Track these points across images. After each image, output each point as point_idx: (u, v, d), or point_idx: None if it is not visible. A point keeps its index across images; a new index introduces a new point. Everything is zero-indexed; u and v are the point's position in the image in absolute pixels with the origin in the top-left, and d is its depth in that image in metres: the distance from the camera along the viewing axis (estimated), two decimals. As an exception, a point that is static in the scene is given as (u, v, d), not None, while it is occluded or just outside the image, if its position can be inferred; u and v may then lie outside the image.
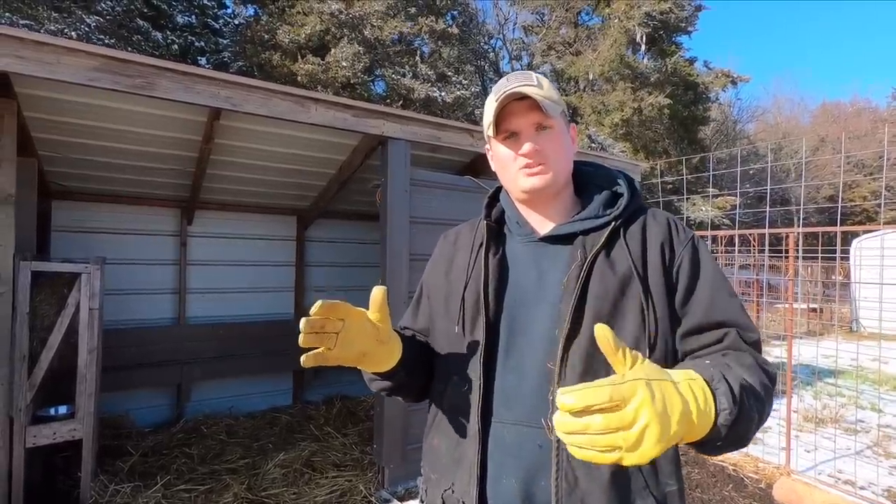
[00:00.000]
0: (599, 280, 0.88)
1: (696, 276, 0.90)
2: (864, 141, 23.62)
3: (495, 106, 0.91)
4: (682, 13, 18.66)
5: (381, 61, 14.76)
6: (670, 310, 0.88)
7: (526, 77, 0.93)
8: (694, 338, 0.87)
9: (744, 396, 0.69)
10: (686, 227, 0.96)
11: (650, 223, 0.94)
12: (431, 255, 1.15)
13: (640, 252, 0.90)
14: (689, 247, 0.91)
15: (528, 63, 22.04)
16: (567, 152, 0.97)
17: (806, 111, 33.39)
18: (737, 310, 0.87)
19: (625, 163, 4.60)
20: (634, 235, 0.92)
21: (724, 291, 0.89)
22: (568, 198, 1.00)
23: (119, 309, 4.00)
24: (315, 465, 3.39)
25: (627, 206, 0.95)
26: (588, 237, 0.92)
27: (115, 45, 11.05)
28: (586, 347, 0.85)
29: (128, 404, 4.03)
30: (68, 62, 2.18)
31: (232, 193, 4.33)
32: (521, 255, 0.98)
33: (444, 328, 1.00)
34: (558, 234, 0.95)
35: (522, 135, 0.93)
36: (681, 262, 0.90)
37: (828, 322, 9.92)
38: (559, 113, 0.94)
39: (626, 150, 17.64)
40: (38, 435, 2.54)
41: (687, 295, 0.89)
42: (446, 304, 1.01)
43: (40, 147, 3.13)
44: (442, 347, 1.01)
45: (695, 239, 0.93)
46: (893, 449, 3.91)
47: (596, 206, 0.96)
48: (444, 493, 0.94)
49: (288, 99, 2.74)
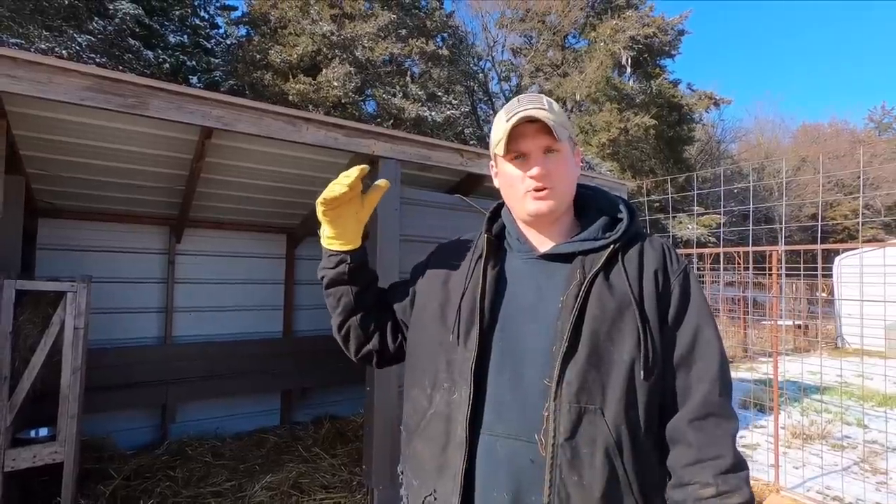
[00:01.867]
0: (598, 300, 0.90)
1: (685, 305, 0.94)
2: (843, 161, 24.28)
3: (507, 127, 0.94)
4: (666, 37, 19.23)
5: (372, 81, 14.95)
6: (663, 337, 0.92)
7: (537, 100, 0.96)
8: (680, 374, 0.92)
9: None
10: (679, 256, 1.00)
11: (647, 249, 0.98)
12: (425, 259, 1.16)
13: (637, 277, 0.94)
14: (681, 276, 0.96)
15: (517, 84, 22.46)
16: (572, 176, 1.00)
17: (787, 132, 34.28)
18: (713, 339, 0.93)
19: (612, 182, 4.68)
20: (632, 260, 0.96)
21: (707, 322, 0.94)
22: (569, 219, 1.04)
23: (104, 327, 3.93)
24: (303, 486, 3.33)
25: (627, 231, 0.98)
26: (587, 258, 0.95)
27: (107, 63, 11.07)
28: (582, 365, 0.87)
29: (110, 426, 3.93)
30: (61, 81, 2.19)
31: (221, 211, 4.32)
32: (520, 270, 1.00)
33: (437, 335, 1.00)
34: (558, 252, 0.98)
35: (531, 157, 0.96)
36: (673, 290, 0.94)
37: (813, 338, 10.05)
38: (566, 137, 0.97)
39: (613, 169, 17.94)
40: (17, 458, 2.48)
41: (676, 322, 0.93)
42: (442, 311, 1.02)
43: (28, 165, 3.12)
44: (433, 353, 1.01)
45: (687, 269, 0.98)
46: (880, 465, 3.94)
47: (596, 229, 0.99)
48: (426, 498, 0.94)
49: (280, 119, 2.77)
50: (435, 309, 1.03)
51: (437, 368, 0.98)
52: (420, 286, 1.12)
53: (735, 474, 0.86)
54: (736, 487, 0.84)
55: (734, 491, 0.84)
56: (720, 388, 0.90)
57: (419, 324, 1.07)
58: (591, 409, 0.85)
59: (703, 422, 0.89)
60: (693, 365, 0.91)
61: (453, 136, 16.30)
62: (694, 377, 0.91)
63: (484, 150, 3.59)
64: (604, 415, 0.85)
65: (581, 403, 0.85)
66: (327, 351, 4.90)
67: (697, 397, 0.90)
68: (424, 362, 1.02)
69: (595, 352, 0.87)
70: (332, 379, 4.86)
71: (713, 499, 0.84)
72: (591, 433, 0.85)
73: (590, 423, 0.85)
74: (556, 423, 0.84)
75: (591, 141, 18.28)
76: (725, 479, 0.85)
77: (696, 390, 0.90)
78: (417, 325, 1.08)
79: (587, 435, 0.85)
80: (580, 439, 0.84)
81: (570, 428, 0.84)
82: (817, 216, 16.71)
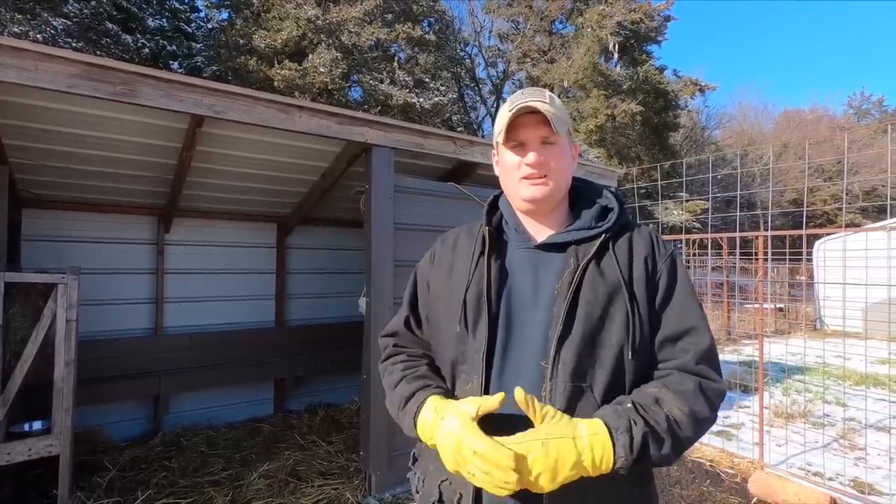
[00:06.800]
0: (590, 286, 0.95)
1: (672, 287, 1.00)
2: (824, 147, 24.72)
3: (508, 116, 0.98)
4: (652, 23, 19.25)
5: (359, 67, 14.74)
6: (651, 318, 0.97)
7: (540, 93, 1.01)
8: (665, 349, 0.97)
9: (647, 441, 0.84)
10: (666, 243, 1.06)
11: (636, 238, 1.04)
12: (429, 253, 1.20)
13: (628, 263, 0.99)
14: (668, 261, 1.02)
15: (504, 70, 22.35)
16: (568, 168, 1.04)
17: (769, 118, 34.76)
18: (699, 318, 0.98)
19: (602, 169, 4.71)
20: (622, 248, 1.01)
21: (693, 303, 1.00)
22: (563, 210, 1.08)
23: (94, 319, 3.88)
24: (300, 474, 3.35)
25: (617, 220, 1.03)
26: (580, 247, 1.00)
27: (84, 48, 10.73)
28: (577, 348, 0.92)
29: (103, 418, 3.90)
30: (47, 68, 2.13)
31: (211, 201, 4.27)
32: (518, 260, 1.05)
33: (449, 328, 1.05)
34: (553, 242, 1.02)
35: (529, 146, 1.00)
36: (661, 274, 1.00)
37: (794, 321, 10.32)
38: (565, 131, 1.02)
39: (600, 155, 18.02)
40: (12, 452, 2.46)
41: (663, 304, 0.99)
42: (450, 305, 1.06)
43: (12, 154, 3.04)
44: (445, 345, 1.06)
45: (674, 255, 1.04)
46: (858, 441, 4.10)
47: (588, 219, 1.04)
48: (442, 483, 0.99)
49: (272, 106, 2.74)
50: (444, 304, 1.08)
51: (449, 360, 1.04)
52: (431, 281, 1.15)
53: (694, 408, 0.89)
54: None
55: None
56: (705, 361, 0.95)
57: (434, 319, 1.12)
58: (584, 387, 0.92)
59: (678, 374, 0.94)
60: (678, 341, 0.97)
61: (441, 123, 16.20)
62: (679, 350, 0.96)
63: (476, 138, 3.59)
64: (593, 391, 0.92)
65: (575, 382, 0.91)
66: (320, 340, 4.97)
67: (678, 363, 0.95)
68: (442, 356, 1.08)
69: (588, 334, 0.93)
70: (325, 367, 4.88)
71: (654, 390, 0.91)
72: (585, 410, 0.90)
73: (584, 400, 0.91)
74: (553, 401, 0.90)
75: (578, 128, 18.32)
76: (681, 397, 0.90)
77: (680, 360, 0.96)
78: (433, 319, 1.13)
79: (582, 412, 0.90)
80: (575, 415, 0.90)
81: (565, 405, 0.90)
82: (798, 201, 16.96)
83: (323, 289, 5.18)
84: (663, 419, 0.86)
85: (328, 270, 5.22)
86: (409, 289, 1.20)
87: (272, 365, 4.65)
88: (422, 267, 1.20)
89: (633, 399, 0.90)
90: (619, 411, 0.86)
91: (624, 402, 0.89)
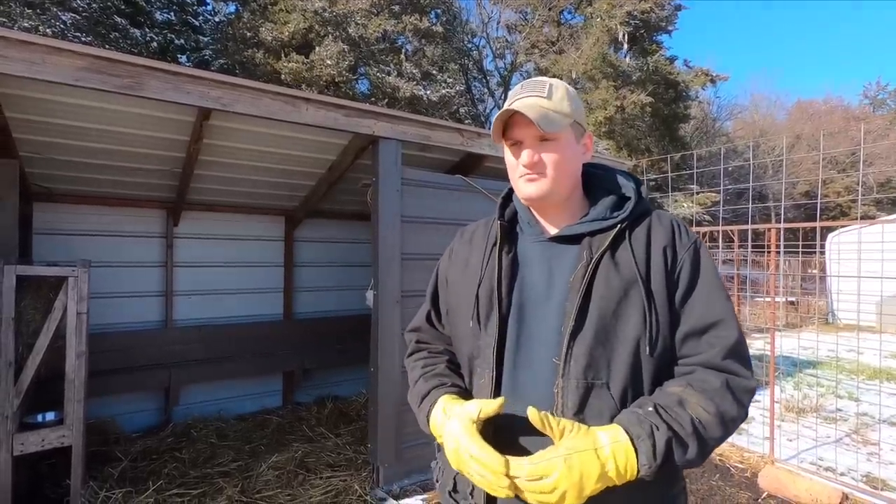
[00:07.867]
0: (604, 280, 0.92)
1: (695, 280, 0.94)
2: (838, 138, 24.29)
3: (498, 118, 0.95)
4: (663, 12, 18.93)
5: (366, 59, 14.68)
6: (671, 313, 0.92)
7: (539, 87, 0.96)
8: (689, 344, 0.92)
9: (671, 446, 0.81)
10: (689, 230, 1.00)
11: (655, 226, 0.98)
12: (449, 247, 1.20)
13: (645, 255, 0.94)
14: (691, 250, 0.95)
15: (512, 61, 22.13)
16: (569, 163, 0.98)
17: (782, 109, 34.15)
18: (726, 310, 0.93)
19: (611, 161, 4.66)
20: (639, 238, 0.96)
21: (719, 293, 0.94)
22: (577, 200, 1.04)
23: (104, 312, 3.92)
24: (309, 465, 3.38)
25: (633, 210, 0.98)
26: (595, 238, 0.96)
27: (93, 42, 10.79)
28: (589, 344, 0.89)
29: (114, 409, 3.96)
30: (55, 62, 2.13)
31: (219, 194, 4.28)
32: (532, 254, 1.02)
33: (465, 323, 1.04)
34: (567, 234, 0.99)
35: (524, 144, 0.97)
36: (682, 265, 0.94)
37: (805, 315, 10.19)
38: (565, 125, 0.95)
39: (609, 147, 17.84)
40: (25, 442, 2.49)
41: (685, 297, 0.93)
42: (465, 300, 1.05)
43: (22, 148, 3.06)
44: (462, 340, 1.06)
45: (697, 243, 0.97)
46: (871, 436, 4.04)
47: (603, 209, 1.00)
48: (457, 475, 1.00)
49: (279, 99, 2.72)
50: (460, 299, 1.08)
51: (464, 354, 1.05)
52: (449, 276, 1.15)
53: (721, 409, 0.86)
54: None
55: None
56: (732, 356, 0.90)
57: (452, 313, 1.12)
58: (598, 384, 0.88)
59: (702, 371, 0.90)
60: (703, 335, 0.91)
61: (448, 115, 16.12)
62: (704, 344, 0.91)
63: (484, 130, 3.55)
64: (609, 389, 0.88)
65: (588, 379, 0.88)
66: (328, 333, 4.99)
67: (702, 359, 0.91)
68: (460, 350, 1.09)
69: (602, 329, 0.89)
70: (333, 360, 4.90)
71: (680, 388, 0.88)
72: (598, 407, 0.88)
73: (597, 397, 0.88)
74: (565, 399, 0.88)
75: (587, 119, 18.12)
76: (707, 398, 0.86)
77: (705, 355, 0.91)
78: (451, 314, 1.13)
79: (595, 409, 0.88)
80: (588, 413, 0.88)
81: (578, 403, 0.88)
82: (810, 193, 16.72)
83: (331, 282, 5.20)
84: (688, 422, 0.83)
85: (336, 263, 5.23)
86: (431, 283, 1.20)
87: (281, 357, 4.67)
88: (442, 262, 1.20)
89: (655, 401, 0.86)
90: (640, 416, 0.83)
91: (645, 404, 0.86)
